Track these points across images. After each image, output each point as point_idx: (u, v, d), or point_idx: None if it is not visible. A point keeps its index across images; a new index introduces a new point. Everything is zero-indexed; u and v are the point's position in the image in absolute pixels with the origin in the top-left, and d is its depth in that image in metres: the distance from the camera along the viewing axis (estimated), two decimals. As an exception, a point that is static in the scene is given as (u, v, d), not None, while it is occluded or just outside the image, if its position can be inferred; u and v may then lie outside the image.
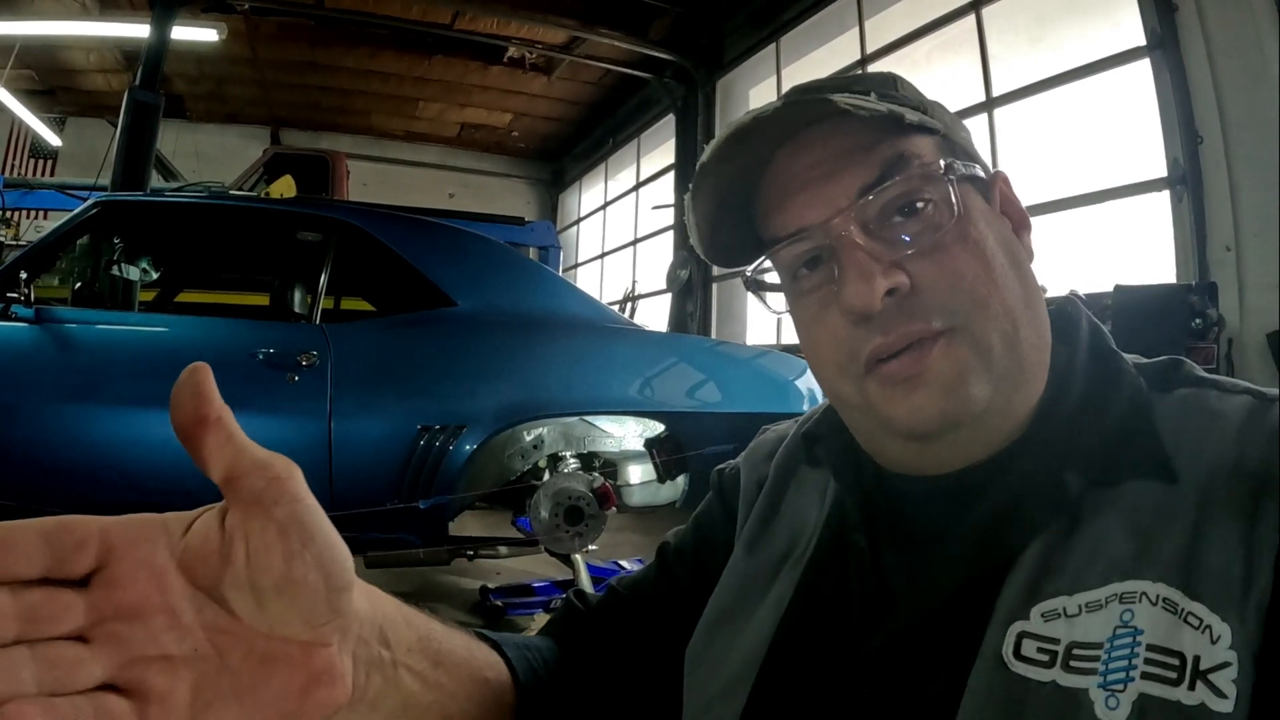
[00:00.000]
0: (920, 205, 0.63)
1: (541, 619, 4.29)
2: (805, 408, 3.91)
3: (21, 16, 9.42)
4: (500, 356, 3.56)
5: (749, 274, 0.73)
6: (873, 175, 0.63)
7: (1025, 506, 0.60)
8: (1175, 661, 0.50)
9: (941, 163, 0.64)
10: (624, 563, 4.99)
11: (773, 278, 0.73)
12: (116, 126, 6.13)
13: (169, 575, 0.40)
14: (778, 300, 0.73)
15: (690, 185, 0.70)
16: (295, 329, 3.54)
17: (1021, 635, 0.55)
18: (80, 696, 0.36)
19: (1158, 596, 0.52)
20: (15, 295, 3.17)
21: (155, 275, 4.60)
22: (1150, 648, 0.51)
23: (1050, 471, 0.60)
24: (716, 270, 9.83)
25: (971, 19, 6.84)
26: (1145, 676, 0.50)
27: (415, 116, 14.57)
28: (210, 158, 12.73)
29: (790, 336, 7.93)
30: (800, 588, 0.71)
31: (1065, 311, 0.72)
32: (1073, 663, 0.53)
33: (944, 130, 0.67)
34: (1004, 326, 0.62)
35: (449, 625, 0.64)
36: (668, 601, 0.84)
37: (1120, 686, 0.51)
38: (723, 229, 0.72)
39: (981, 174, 0.68)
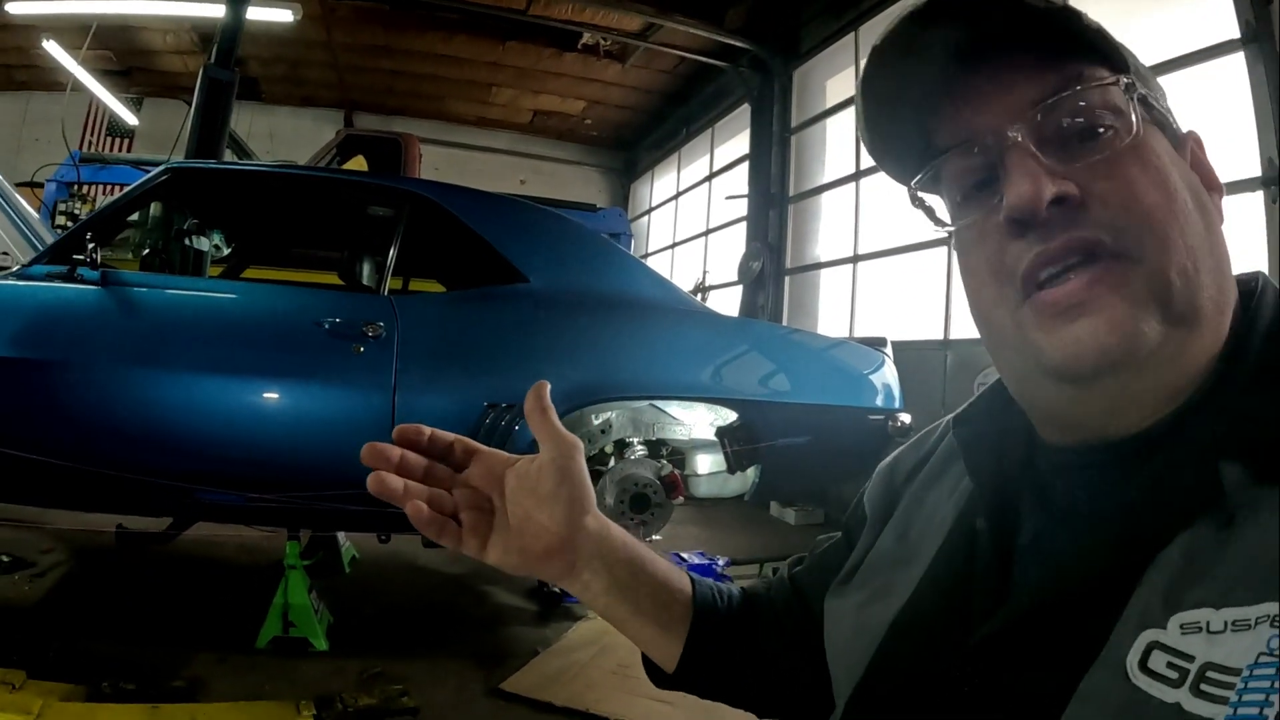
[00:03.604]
0: (1097, 122, 0.60)
1: (598, 609, 4.21)
2: (879, 402, 3.76)
3: (98, -4, 9.64)
4: (571, 336, 3.46)
5: (913, 185, 0.70)
6: (1049, 88, 0.60)
7: (1173, 495, 0.54)
8: None
9: (1123, 80, 0.60)
10: (685, 555, 4.87)
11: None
12: (191, 105, 6.19)
13: (504, 475, 0.77)
14: (944, 214, 0.69)
15: (861, 75, 0.66)
16: (362, 299, 3.49)
17: (1153, 645, 0.50)
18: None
19: None
20: (81, 258, 3.16)
21: (227, 250, 4.60)
22: None
23: (1207, 458, 0.53)
24: (789, 262, 9.72)
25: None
26: None
27: (488, 102, 14.58)
28: (284, 139, 13.03)
29: (865, 329, 7.74)
30: (924, 579, 0.70)
31: (1250, 283, 0.65)
32: (1204, 686, 0.47)
33: (1132, 66, 0.62)
34: (1183, 262, 0.57)
35: (655, 554, 0.88)
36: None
37: None
38: (891, 135, 0.69)
39: (1171, 121, 0.65)
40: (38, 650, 3.13)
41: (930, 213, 0.70)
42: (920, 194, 0.70)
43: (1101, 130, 0.59)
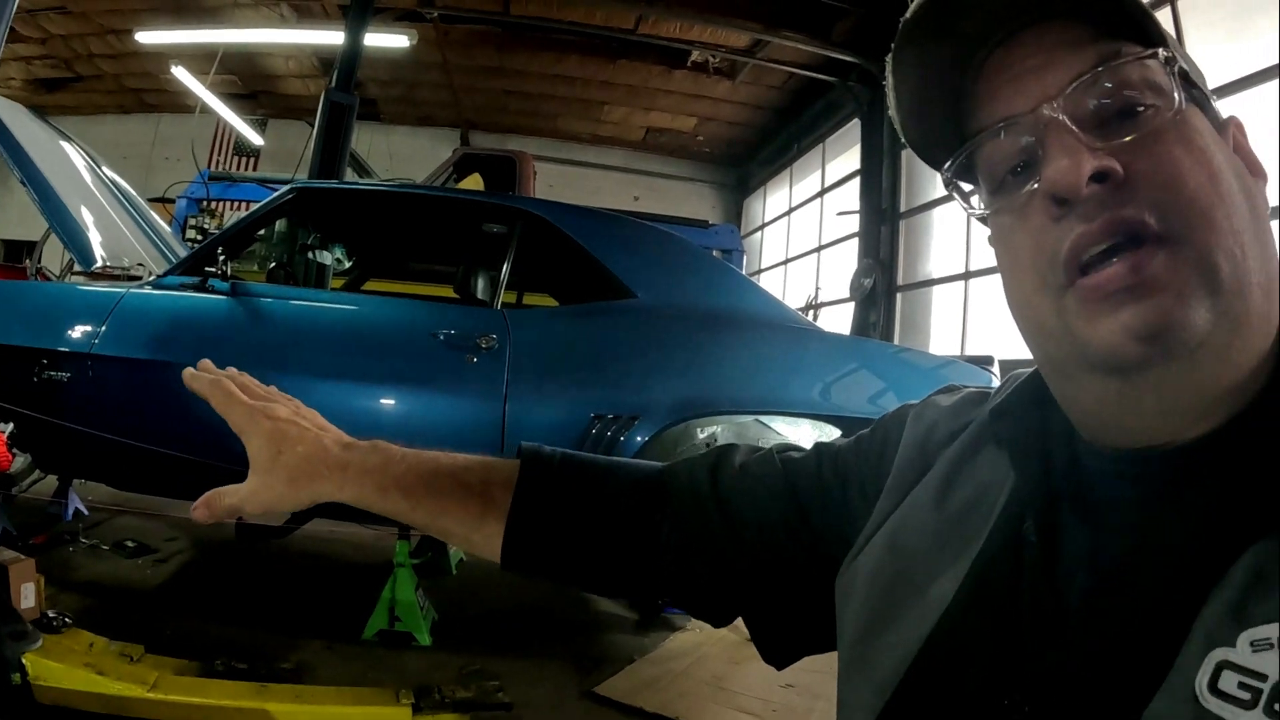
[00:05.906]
0: (1137, 99, 0.57)
1: (695, 622, 4.21)
2: (989, 424, 3.69)
3: (224, 25, 10.20)
4: (678, 350, 3.50)
5: (948, 170, 0.66)
6: (1086, 63, 0.58)
7: (1239, 508, 0.50)
8: None
9: (1162, 54, 0.57)
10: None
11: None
12: (314, 126, 6.47)
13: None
14: (978, 202, 0.66)
15: (891, 51, 0.64)
16: (476, 312, 3.60)
17: (1222, 665, 0.46)
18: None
19: None
20: (213, 270, 3.38)
21: (348, 264, 4.80)
22: None
23: (1274, 466, 0.50)
24: (901, 279, 9.58)
25: (1167, 10, 6.69)
26: None
27: (601, 120, 14.86)
28: (402, 158, 13.49)
29: (977, 347, 7.59)
30: (964, 587, 0.64)
31: None
32: (1279, 706, 0.44)
33: (1170, 41, 0.59)
34: (1230, 246, 0.53)
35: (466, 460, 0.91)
36: (797, 499, 0.83)
37: None
38: (925, 117, 0.66)
39: (1211, 103, 0.61)
40: (156, 628, 3.34)
41: (964, 201, 0.67)
42: (957, 181, 0.66)
43: (1142, 108, 0.57)
